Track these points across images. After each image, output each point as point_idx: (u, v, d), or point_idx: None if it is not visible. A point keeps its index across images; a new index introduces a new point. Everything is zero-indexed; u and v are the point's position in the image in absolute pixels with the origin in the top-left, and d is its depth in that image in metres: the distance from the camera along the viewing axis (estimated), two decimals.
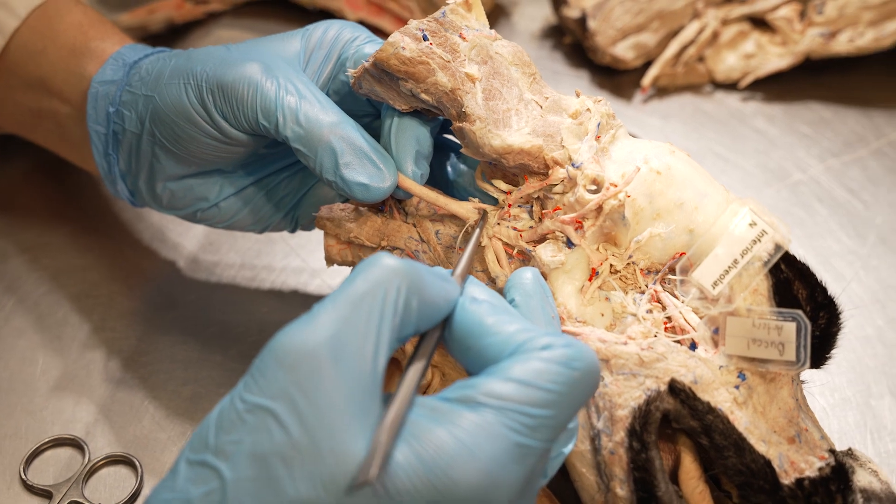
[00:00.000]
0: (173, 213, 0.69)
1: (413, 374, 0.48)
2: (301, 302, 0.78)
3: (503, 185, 0.61)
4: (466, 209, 0.62)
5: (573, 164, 0.59)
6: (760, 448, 0.55)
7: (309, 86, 0.62)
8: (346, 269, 0.70)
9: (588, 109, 0.61)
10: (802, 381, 0.61)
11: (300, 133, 0.60)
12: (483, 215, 0.61)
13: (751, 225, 0.57)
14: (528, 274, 0.56)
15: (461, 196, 0.65)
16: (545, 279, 0.58)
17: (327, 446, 0.44)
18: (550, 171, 0.59)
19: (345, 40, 0.65)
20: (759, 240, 0.57)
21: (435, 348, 0.51)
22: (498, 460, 0.46)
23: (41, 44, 0.72)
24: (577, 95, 0.62)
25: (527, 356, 0.48)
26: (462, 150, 0.61)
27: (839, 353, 0.67)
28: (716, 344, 0.57)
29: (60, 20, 0.72)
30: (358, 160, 0.60)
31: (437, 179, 0.68)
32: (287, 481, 0.44)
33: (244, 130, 0.63)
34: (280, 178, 0.70)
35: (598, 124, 0.60)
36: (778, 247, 0.57)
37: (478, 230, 0.60)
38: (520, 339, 0.49)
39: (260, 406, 0.45)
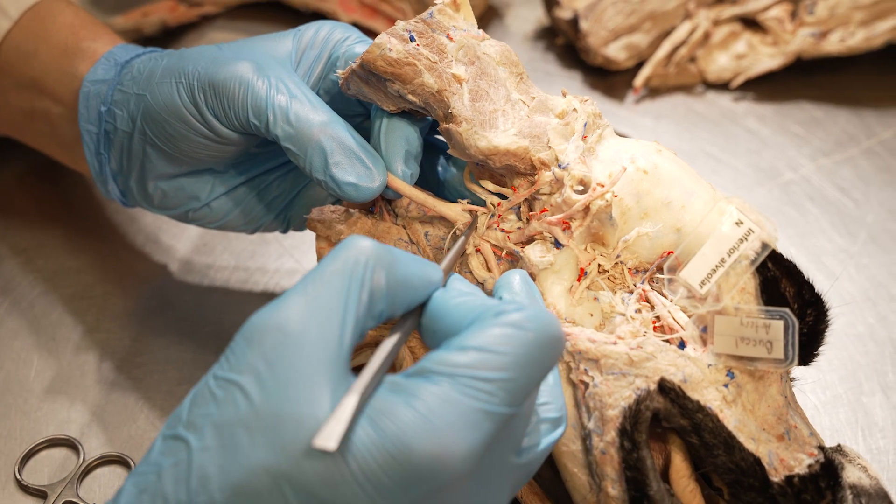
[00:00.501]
0: (165, 212, 0.70)
1: (383, 351, 0.49)
2: None
3: (490, 187, 0.62)
4: (455, 211, 0.62)
5: (560, 165, 0.59)
6: (750, 446, 0.55)
7: (300, 85, 0.62)
8: None
9: (574, 109, 0.61)
10: (793, 379, 0.62)
11: (290, 132, 0.61)
12: (473, 220, 0.61)
13: (737, 223, 0.57)
14: (516, 276, 0.56)
15: (451, 197, 0.65)
16: (534, 280, 0.59)
17: (288, 413, 0.45)
18: (537, 173, 0.60)
19: (336, 40, 0.65)
20: (746, 238, 0.57)
21: (409, 331, 0.51)
22: (454, 426, 0.46)
23: (33, 45, 0.72)
24: (564, 95, 0.62)
25: (480, 324, 0.48)
26: (449, 151, 0.61)
27: (830, 351, 0.68)
28: (704, 343, 0.58)
29: (52, 21, 0.73)
30: (348, 159, 0.60)
31: (428, 180, 0.68)
32: (248, 447, 0.45)
33: (235, 129, 0.63)
34: (272, 177, 0.71)
35: (585, 124, 0.60)
36: (765, 245, 0.57)
37: (463, 237, 0.60)
38: (476, 312, 0.50)
39: (228, 380, 0.46)
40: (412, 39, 0.60)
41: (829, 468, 0.56)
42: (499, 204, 0.61)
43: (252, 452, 0.45)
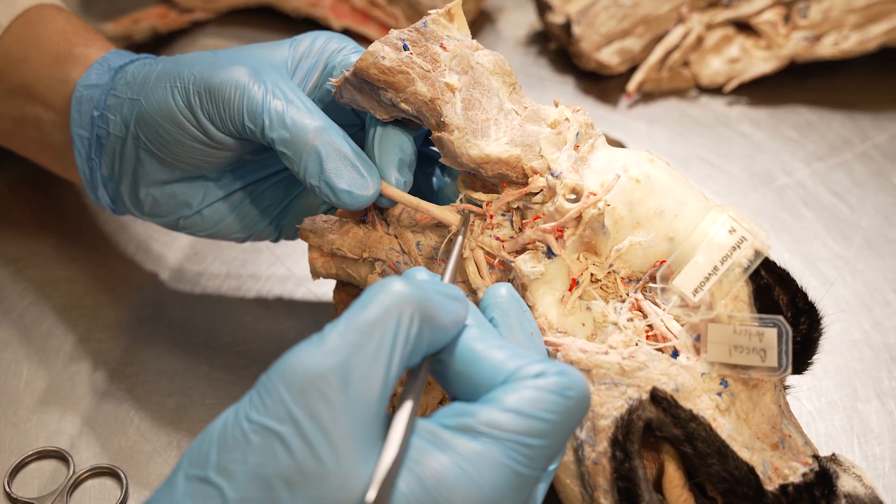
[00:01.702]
0: (155, 220, 0.69)
1: (413, 400, 0.48)
2: (287, 311, 0.78)
3: (483, 196, 0.61)
4: (449, 214, 0.62)
5: (552, 174, 0.59)
6: (744, 455, 0.55)
7: (296, 91, 0.62)
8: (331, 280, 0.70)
9: (567, 119, 0.61)
10: (787, 387, 0.61)
11: (286, 136, 0.60)
12: (465, 219, 0.61)
13: (730, 231, 0.57)
14: (502, 291, 0.56)
15: None
16: (525, 290, 0.58)
17: (332, 472, 0.44)
18: (529, 181, 0.59)
19: (332, 50, 0.65)
20: (739, 246, 0.57)
21: (429, 370, 0.51)
22: (499, 490, 0.46)
23: (24, 51, 0.72)
24: (556, 105, 0.62)
25: (520, 384, 0.48)
26: (441, 160, 0.61)
27: (826, 358, 0.68)
28: (698, 351, 0.57)
29: (44, 27, 0.72)
30: (342, 166, 0.60)
31: (422, 190, 0.68)
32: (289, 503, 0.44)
33: (230, 133, 0.63)
34: (264, 186, 0.70)
35: (577, 134, 0.60)
36: (758, 253, 0.57)
37: (460, 238, 0.60)
38: (511, 367, 0.49)
39: (266, 427, 0.45)
40: (406, 48, 0.60)
41: (823, 477, 0.56)
42: (487, 204, 0.61)
43: None
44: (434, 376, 0.52)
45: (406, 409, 0.47)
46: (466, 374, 0.50)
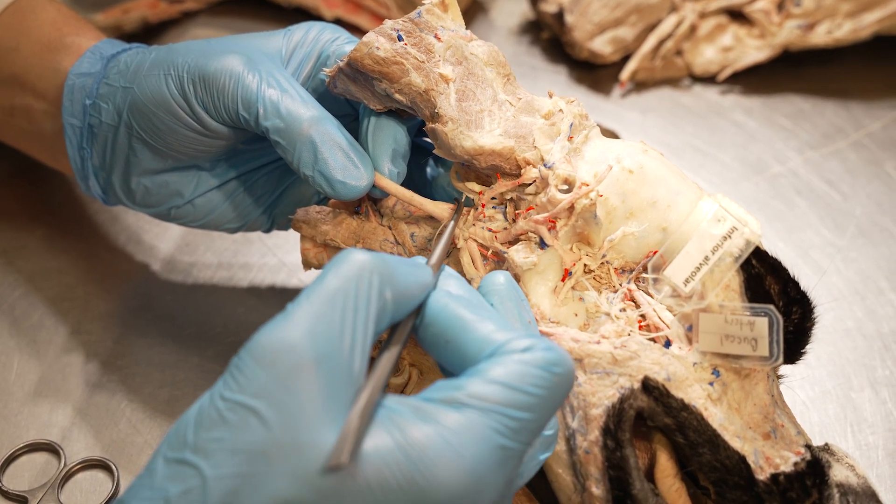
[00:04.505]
0: (146, 210, 0.69)
1: (386, 361, 0.48)
2: (279, 301, 0.78)
3: (476, 187, 0.61)
4: (442, 209, 0.62)
5: (545, 165, 0.59)
6: (735, 444, 0.55)
7: (290, 80, 0.62)
8: None
9: (560, 110, 0.61)
10: (780, 377, 0.61)
11: (280, 126, 0.60)
12: (458, 207, 0.61)
13: (721, 221, 0.57)
14: (500, 278, 0.55)
15: (439, 198, 0.65)
16: (518, 281, 0.58)
17: (307, 440, 0.44)
18: (523, 172, 0.59)
19: (325, 40, 0.65)
20: (730, 236, 0.57)
21: (408, 336, 0.51)
22: (483, 462, 0.46)
23: (14, 41, 0.71)
24: (550, 96, 0.62)
25: (507, 358, 0.48)
26: (435, 151, 0.61)
27: (819, 347, 0.67)
28: (689, 341, 0.57)
29: (34, 17, 0.72)
30: (337, 156, 0.60)
31: (416, 181, 0.68)
32: (268, 477, 0.44)
33: (224, 122, 0.63)
34: (257, 175, 0.70)
35: (571, 125, 0.60)
36: (748, 242, 0.57)
37: (451, 224, 0.60)
38: (499, 340, 0.49)
39: (241, 404, 0.45)
40: (400, 38, 0.60)
41: (815, 466, 0.56)
42: (480, 193, 0.61)
43: (272, 481, 0.44)
44: (423, 345, 0.52)
45: (378, 370, 0.47)
46: (455, 342, 0.50)
